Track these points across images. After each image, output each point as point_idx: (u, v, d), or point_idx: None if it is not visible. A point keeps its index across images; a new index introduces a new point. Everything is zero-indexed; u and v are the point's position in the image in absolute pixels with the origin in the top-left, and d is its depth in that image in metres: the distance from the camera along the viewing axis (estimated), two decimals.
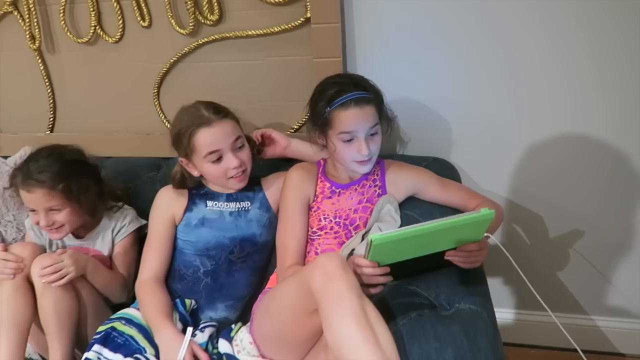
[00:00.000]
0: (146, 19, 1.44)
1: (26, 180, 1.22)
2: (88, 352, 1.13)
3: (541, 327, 1.63)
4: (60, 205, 1.24)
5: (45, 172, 1.22)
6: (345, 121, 1.12)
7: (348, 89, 1.13)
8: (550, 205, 1.50)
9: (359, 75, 1.19)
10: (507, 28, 1.30)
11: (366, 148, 1.13)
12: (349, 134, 1.13)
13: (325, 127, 1.15)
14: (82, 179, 1.27)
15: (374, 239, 0.92)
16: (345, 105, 1.12)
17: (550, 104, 1.36)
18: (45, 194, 1.22)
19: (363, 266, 0.98)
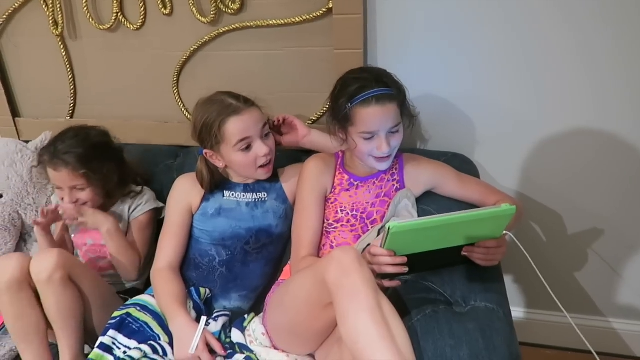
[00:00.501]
0: (168, 7, 1.43)
1: (53, 160, 1.29)
2: (103, 337, 1.15)
3: (556, 327, 1.61)
4: (83, 184, 1.31)
5: (71, 153, 1.29)
6: (367, 119, 1.10)
7: (370, 85, 1.10)
8: (570, 204, 1.48)
9: (381, 70, 1.17)
10: (531, 24, 1.27)
11: (387, 146, 1.12)
12: (370, 133, 1.11)
13: (345, 123, 1.14)
14: (105, 162, 1.33)
15: (391, 227, 0.90)
16: (367, 103, 1.10)
17: (574, 101, 1.34)
18: (70, 174, 1.29)
19: (379, 254, 0.97)
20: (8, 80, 1.68)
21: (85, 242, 1.40)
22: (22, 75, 1.67)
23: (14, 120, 1.70)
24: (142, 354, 1.11)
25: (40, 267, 1.16)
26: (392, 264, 0.97)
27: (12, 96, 1.70)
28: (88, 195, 1.32)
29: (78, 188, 1.31)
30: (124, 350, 1.13)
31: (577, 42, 1.27)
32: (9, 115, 1.69)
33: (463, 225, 0.95)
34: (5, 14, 1.56)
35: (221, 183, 1.29)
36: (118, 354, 1.13)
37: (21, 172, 1.48)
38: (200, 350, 1.10)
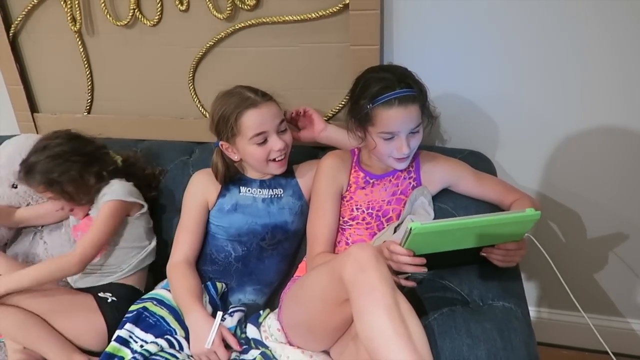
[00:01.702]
0: (184, 3, 1.44)
1: (21, 177, 1.33)
2: (120, 330, 1.16)
3: (573, 327, 1.59)
4: (54, 196, 1.32)
5: (31, 170, 1.30)
6: (388, 121, 1.09)
7: (392, 85, 1.08)
8: (589, 204, 1.46)
9: (403, 69, 1.14)
10: (554, 21, 1.25)
11: (407, 147, 1.10)
12: (391, 134, 1.10)
13: (365, 122, 1.12)
14: (69, 170, 1.30)
15: (413, 228, 0.89)
16: (389, 104, 1.08)
17: (596, 101, 1.31)
18: (39, 189, 1.32)
19: (398, 253, 0.96)
20: (27, 76, 1.69)
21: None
22: (40, 71, 1.69)
23: (33, 116, 1.72)
24: (159, 348, 1.12)
25: None
26: (411, 264, 0.97)
27: (30, 92, 1.71)
28: (65, 203, 1.34)
29: (52, 198, 1.33)
30: (140, 344, 1.14)
31: (604, 39, 1.24)
32: (27, 110, 1.71)
33: (485, 228, 0.94)
34: (24, 10, 1.57)
35: (237, 178, 1.29)
36: (135, 348, 1.14)
37: None
38: (216, 345, 1.11)
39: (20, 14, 1.58)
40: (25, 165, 1.31)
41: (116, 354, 1.13)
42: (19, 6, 1.58)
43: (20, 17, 1.59)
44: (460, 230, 0.92)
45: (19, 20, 1.59)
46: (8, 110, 1.75)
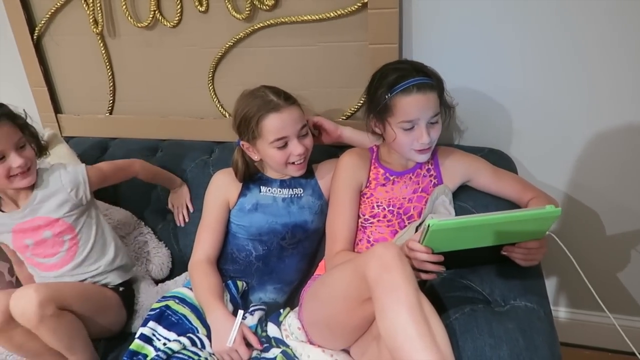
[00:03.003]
0: (203, 4, 1.45)
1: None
2: (143, 328, 1.18)
3: (596, 327, 1.57)
4: (24, 139, 1.21)
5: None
6: (407, 108, 1.09)
7: (410, 74, 1.10)
8: (612, 203, 1.44)
9: (418, 62, 1.16)
10: (578, 16, 1.23)
11: (427, 136, 1.11)
12: (410, 122, 1.11)
13: (384, 114, 1.13)
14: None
15: (431, 224, 0.89)
16: (407, 91, 1.09)
17: (620, 98, 1.29)
18: (11, 126, 1.18)
19: (417, 250, 0.96)
20: (51, 78, 1.73)
21: (26, 244, 1.27)
22: (63, 73, 1.72)
23: (57, 117, 1.76)
24: (181, 346, 1.13)
25: (26, 311, 1.09)
26: (429, 261, 0.97)
27: (54, 93, 1.75)
28: (30, 151, 1.22)
29: (21, 146, 1.20)
30: (163, 342, 1.16)
31: (626, 37, 1.22)
32: (51, 111, 1.75)
33: (505, 225, 0.93)
34: (47, 13, 1.61)
35: (257, 177, 1.30)
36: (158, 345, 1.16)
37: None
38: (237, 343, 1.12)
39: (44, 17, 1.62)
40: None
41: (140, 351, 1.14)
42: (42, 9, 1.61)
43: (44, 19, 1.62)
44: (479, 227, 0.91)
45: (42, 22, 1.62)
46: (32, 112, 1.78)
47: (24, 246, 1.28)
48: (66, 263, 1.28)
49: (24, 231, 1.26)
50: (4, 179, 1.18)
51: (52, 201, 1.25)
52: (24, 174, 1.20)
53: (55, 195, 1.26)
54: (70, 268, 1.28)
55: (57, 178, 1.27)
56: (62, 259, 1.28)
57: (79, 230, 1.29)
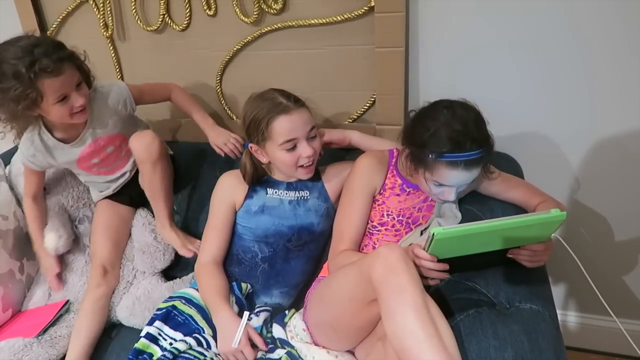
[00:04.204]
0: (212, 8, 1.47)
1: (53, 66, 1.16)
2: (149, 327, 1.19)
3: (603, 331, 1.56)
4: (80, 77, 1.26)
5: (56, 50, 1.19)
6: (447, 178, 1.05)
7: (465, 146, 1.01)
8: (619, 208, 1.43)
9: (476, 116, 1.05)
10: (585, 19, 1.23)
11: (454, 196, 1.09)
12: (444, 186, 1.08)
13: (422, 165, 1.07)
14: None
15: (436, 233, 0.89)
16: (454, 165, 1.02)
17: (627, 102, 1.29)
18: (72, 69, 1.23)
19: (422, 258, 0.97)
20: None
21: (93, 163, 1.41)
22: None
23: None
24: (187, 346, 1.14)
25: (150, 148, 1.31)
26: (434, 269, 0.97)
27: None
28: (86, 88, 1.27)
29: (77, 84, 1.24)
30: (169, 342, 1.17)
31: (627, 42, 1.22)
32: None
33: (509, 230, 0.93)
34: (59, 17, 1.63)
35: (264, 180, 1.31)
36: (164, 345, 1.17)
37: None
38: (242, 344, 1.13)
39: (55, 21, 1.64)
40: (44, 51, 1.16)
41: (145, 350, 1.15)
42: (54, 13, 1.64)
43: (55, 23, 1.64)
44: (484, 234, 0.91)
45: (54, 26, 1.65)
46: None
47: (91, 165, 1.42)
48: (125, 164, 1.46)
49: (90, 154, 1.39)
50: (67, 117, 1.25)
51: (108, 121, 1.38)
52: (83, 110, 1.27)
53: (109, 115, 1.38)
54: (130, 164, 1.46)
55: (104, 100, 1.37)
56: (122, 161, 1.46)
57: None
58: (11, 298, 1.43)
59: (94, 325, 1.30)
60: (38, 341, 1.28)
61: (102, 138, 1.38)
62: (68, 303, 1.40)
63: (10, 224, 1.48)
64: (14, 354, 1.24)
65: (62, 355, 1.28)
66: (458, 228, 0.90)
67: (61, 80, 1.19)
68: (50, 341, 1.28)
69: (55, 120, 1.29)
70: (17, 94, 1.15)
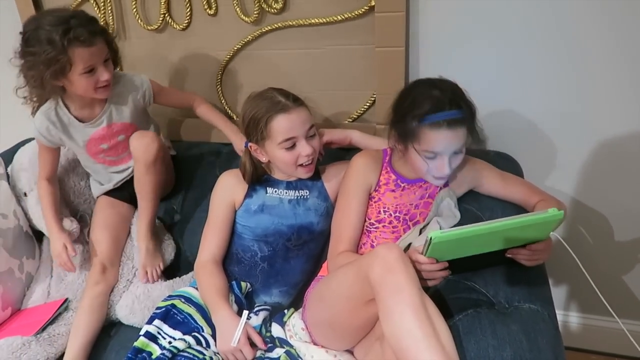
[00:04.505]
0: (213, 7, 1.47)
1: (87, 36, 1.20)
2: (149, 325, 1.19)
3: (604, 332, 1.56)
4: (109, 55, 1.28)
5: (90, 22, 1.23)
6: (434, 142, 1.06)
7: (443, 106, 1.04)
8: (619, 207, 1.43)
9: (452, 86, 1.09)
10: (580, 23, 1.24)
11: (448, 167, 1.08)
12: (434, 153, 1.08)
13: (409, 138, 1.09)
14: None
15: (433, 237, 0.89)
16: (437, 126, 1.04)
17: (628, 102, 1.29)
18: (103, 42, 1.25)
19: (420, 262, 0.97)
20: None
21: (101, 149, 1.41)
22: None
23: None
24: (187, 345, 1.14)
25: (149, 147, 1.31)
26: (434, 271, 0.97)
27: None
28: (111, 65, 1.29)
29: (105, 60, 1.26)
30: (169, 341, 1.17)
31: (627, 42, 1.22)
32: None
33: (507, 232, 0.93)
34: None
35: (264, 179, 1.31)
36: (163, 344, 1.16)
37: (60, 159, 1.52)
38: (242, 343, 1.13)
39: None
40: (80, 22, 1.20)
41: (145, 349, 1.15)
42: None
43: None
44: (482, 236, 0.91)
45: None
46: None
47: (99, 150, 1.42)
48: (131, 158, 1.41)
49: (102, 137, 1.39)
50: (91, 90, 1.27)
51: (125, 108, 1.39)
52: (107, 86, 1.28)
53: (127, 103, 1.39)
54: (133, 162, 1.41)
55: (125, 86, 1.38)
56: (129, 154, 1.41)
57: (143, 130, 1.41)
58: (10, 296, 1.43)
59: (92, 323, 1.30)
60: (36, 339, 1.27)
61: (116, 124, 1.39)
62: (67, 301, 1.40)
63: (10, 222, 1.48)
64: (12, 352, 1.23)
65: (60, 354, 1.27)
66: (455, 231, 0.90)
67: (91, 52, 1.21)
68: (49, 339, 1.28)
69: (79, 93, 1.29)
70: (49, 57, 1.18)
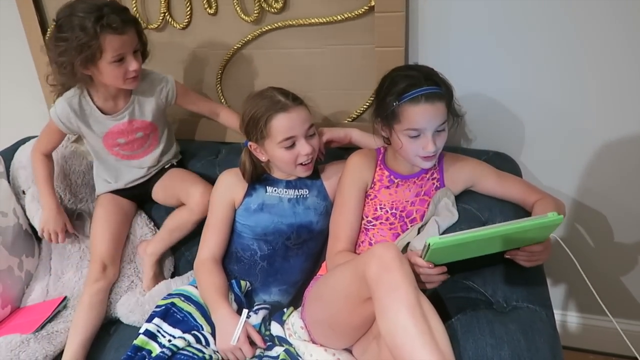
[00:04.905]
0: (213, 6, 1.47)
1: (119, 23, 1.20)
2: (148, 324, 1.19)
3: (601, 332, 1.57)
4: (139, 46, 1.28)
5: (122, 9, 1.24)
6: (414, 117, 1.09)
7: (419, 82, 1.09)
8: (618, 208, 1.43)
9: (429, 68, 1.14)
10: (585, 19, 1.24)
11: (432, 145, 1.10)
12: (417, 131, 1.10)
13: (391, 121, 1.13)
14: None
15: (432, 243, 0.90)
16: (416, 101, 1.08)
17: (627, 103, 1.29)
18: (134, 30, 1.25)
19: (419, 265, 0.98)
20: None
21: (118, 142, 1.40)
22: None
23: None
24: (186, 343, 1.15)
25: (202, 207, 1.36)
26: (432, 274, 0.99)
27: None
28: (140, 57, 1.29)
29: (135, 51, 1.26)
30: (168, 339, 1.17)
31: (632, 40, 1.22)
32: None
33: (505, 236, 0.93)
34: None
35: (263, 178, 1.32)
36: (163, 342, 1.17)
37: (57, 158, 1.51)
38: (241, 341, 1.13)
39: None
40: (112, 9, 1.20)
41: (144, 347, 1.16)
42: (55, 11, 1.63)
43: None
44: (481, 241, 0.92)
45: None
46: (43, 112, 1.81)
47: (115, 144, 1.41)
48: (145, 155, 1.45)
49: (120, 132, 1.38)
50: (120, 80, 1.26)
51: (147, 105, 1.38)
52: (136, 77, 1.28)
53: (150, 101, 1.38)
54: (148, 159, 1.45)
55: (152, 84, 1.38)
56: (144, 151, 1.44)
57: (161, 129, 1.44)
58: (10, 295, 1.43)
59: (92, 320, 1.30)
60: (35, 337, 1.28)
61: (137, 121, 1.38)
62: (66, 299, 1.40)
63: (10, 220, 1.48)
64: (11, 350, 1.24)
65: (59, 352, 1.28)
66: (454, 237, 0.90)
67: (122, 40, 1.21)
68: (48, 337, 1.28)
69: (107, 82, 1.27)
70: (81, 43, 1.18)
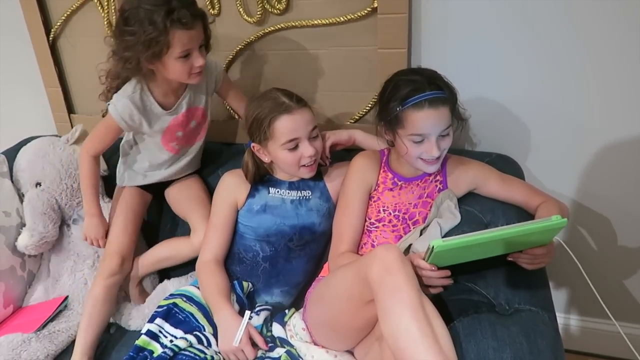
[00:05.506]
0: (216, 7, 1.47)
1: (189, 18, 1.17)
2: (150, 324, 1.19)
3: (603, 335, 1.56)
4: (204, 41, 1.25)
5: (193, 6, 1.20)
6: (418, 123, 1.08)
7: (422, 87, 1.08)
8: (621, 211, 1.43)
9: (432, 71, 1.14)
10: (589, 24, 1.24)
11: (437, 150, 1.09)
12: (421, 136, 1.09)
13: (395, 125, 1.12)
14: None
15: (436, 246, 0.90)
16: (419, 106, 1.07)
17: (631, 105, 1.29)
18: (201, 25, 1.22)
19: (422, 268, 0.98)
20: (65, 79, 1.76)
21: (176, 136, 1.38)
22: (77, 74, 1.75)
23: (69, 117, 1.79)
24: (188, 344, 1.15)
25: None
26: (436, 277, 0.99)
27: (68, 94, 1.78)
28: (204, 51, 1.25)
29: (200, 45, 1.23)
30: (170, 339, 1.17)
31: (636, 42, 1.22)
32: (65, 112, 1.78)
33: (509, 239, 0.93)
34: (63, 15, 1.64)
35: (266, 179, 1.32)
36: (164, 342, 1.17)
37: (54, 161, 1.52)
38: (243, 343, 1.13)
39: (59, 19, 1.65)
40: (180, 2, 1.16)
41: (146, 347, 1.16)
42: (58, 11, 1.65)
43: (59, 21, 1.65)
44: (484, 244, 0.92)
45: (58, 24, 1.66)
46: (46, 112, 1.82)
47: (174, 138, 1.38)
48: (191, 145, 1.44)
49: (179, 124, 1.36)
50: (185, 75, 1.24)
51: (201, 93, 1.37)
52: (200, 72, 1.25)
53: (203, 87, 1.37)
54: (194, 149, 1.44)
55: (205, 70, 1.31)
56: (191, 140, 1.43)
57: (208, 120, 1.43)
58: (12, 294, 1.43)
59: (106, 314, 1.30)
60: (37, 336, 1.28)
61: (192, 109, 1.36)
62: (67, 299, 1.41)
63: (13, 220, 1.48)
64: (13, 349, 1.24)
65: (60, 351, 1.28)
66: (457, 240, 0.90)
67: (190, 35, 1.18)
68: (49, 336, 1.29)
69: (172, 77, 1.25)
70: (149, 38, 1.14)
